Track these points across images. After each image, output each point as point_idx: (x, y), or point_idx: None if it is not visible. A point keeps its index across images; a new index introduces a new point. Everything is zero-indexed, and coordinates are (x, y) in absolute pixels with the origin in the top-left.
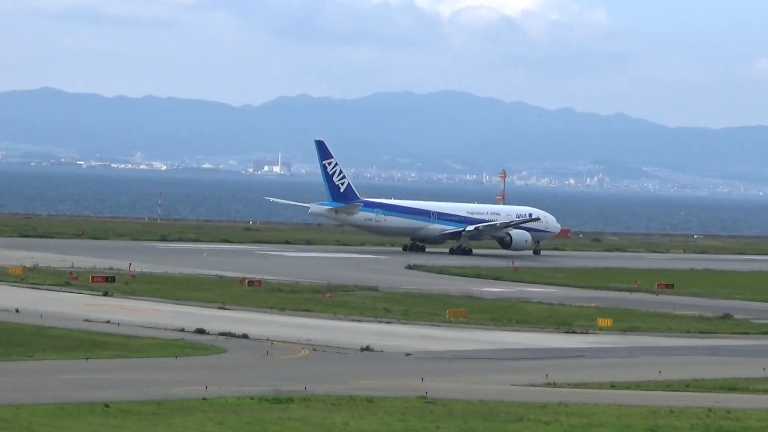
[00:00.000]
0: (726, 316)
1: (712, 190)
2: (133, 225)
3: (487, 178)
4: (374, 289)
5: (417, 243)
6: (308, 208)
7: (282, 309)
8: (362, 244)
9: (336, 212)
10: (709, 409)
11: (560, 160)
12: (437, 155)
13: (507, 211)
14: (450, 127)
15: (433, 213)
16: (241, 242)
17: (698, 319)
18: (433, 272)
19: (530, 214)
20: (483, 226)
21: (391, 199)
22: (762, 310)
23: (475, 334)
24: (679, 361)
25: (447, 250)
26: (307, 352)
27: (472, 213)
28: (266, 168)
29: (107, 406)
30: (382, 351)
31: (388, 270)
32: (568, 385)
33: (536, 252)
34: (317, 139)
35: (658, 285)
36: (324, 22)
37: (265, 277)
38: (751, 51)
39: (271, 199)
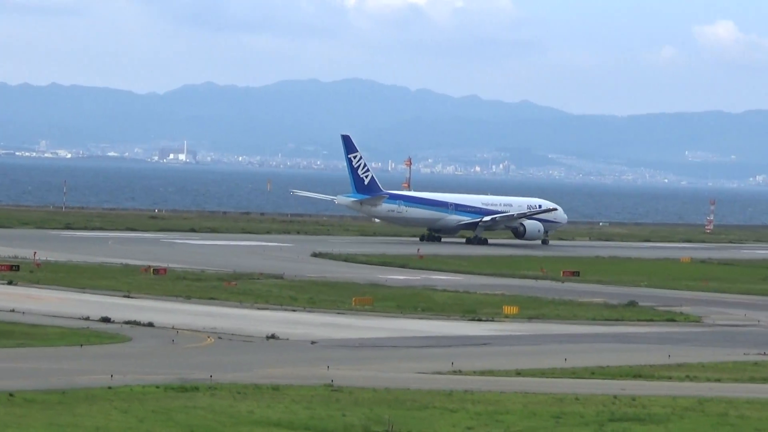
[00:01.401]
0: (631, 304)
1: (617, 177)
2: (38, 213)
3: (393, 165)
4: (280, 277)
5: (433, 233)
6: (334, 200)
7: (187, 297)
8: (268, 233)
9: (361, 204)
10: (615, 396)
11: (466, 148)
12: None
13: (518, 203)
14: (356, 115)
15: (451, 204)
16: (147, 230)
17: (604, 306)
18: (338, 260)
19: (539, 205)
20: (500, 216)
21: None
22: (667, 297)
23: (380, 321)
24: (584, 349)
25: (461, 240)
26: (213, 340)
27: (486, 204)
28: (171, 156)
29: (12, 395)
30: (287, 339)
31: (294, 258)
32: (474, 373)
33: (544, 242)
34: (343, 134)
35: (563, 272)
36: (229, 10)
37: (170, 266)
38: (656, 39)
39: (297, 192)
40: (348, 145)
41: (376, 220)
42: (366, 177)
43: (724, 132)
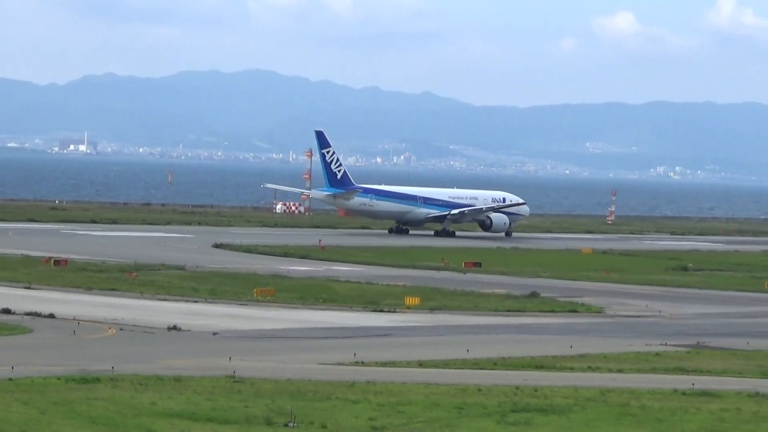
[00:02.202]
0: (533, 295)
1: (518, 168)
2: None
3: (294, 156)
4: (181, 268)
5: (401, 226)
6: (308, 193)
7: (89, 288)
8: (169, 224)
9: (334, 197)
10: (517, 387)
11: (367, 139)
12: (244, 134)
13: (483, 196)
14: (256, 106)
15: (420, 198)
16: (47, 221)
17: (505, 297)
18: (240, 251)
19: (503, 198)
20: (468, 210)
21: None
22: (568, 288)
23: (282, 313)
24: (486, 340)
25: (429, 232)
26: (114, 331)
27: (453, 198)
28: (72, 147)
29: None
30: (189, 330)
31: (195, 249)
32: (376, 364)
33: (508, 234)
34: (317, 129)
35: (465, 263)
36: (129, 1)
37: (71, 257)
38: (557, 30)
39: (269, 186)
40: (321, 140)
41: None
42: (339, 171)
43: (624, 123)
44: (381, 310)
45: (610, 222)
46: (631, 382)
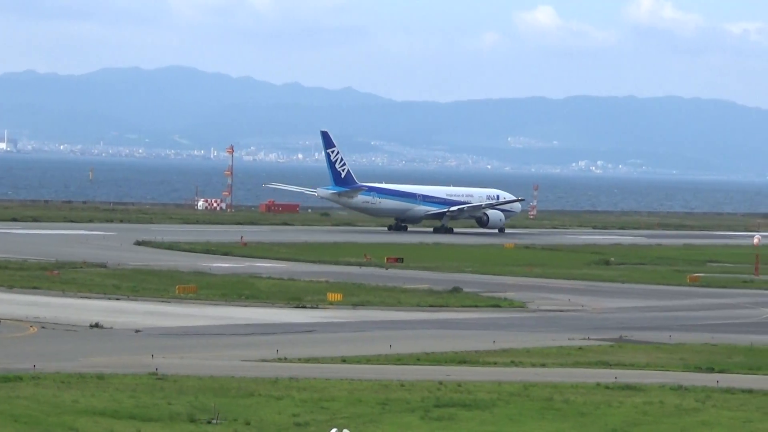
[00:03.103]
0: (456, 290)
1: (440, 164)
2: None
3: (215, 153)
4: (103, 265)
5: (400, 223)
6: (315, 193)
7: (10, 287)
8: (90, 221)
9: (339, 196)
10: (440, 382)
11: (288, 135)
12: (165, 131)
13: (478, 193)
14: (178, 103)
15: (419, 196)
16: None
17: (428, 292)
18: (162, 248)
19: (497, 196)
20: (467, 207)
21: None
22: (490, 282)
23: (205, 309)
24: (409, 335)
25: (428, 229)
26: (36, 329)
27: (450, 195)
28: None
29: None
30: (111, 328)
31: (117, 246)
32: (299, 360)
33: (501, 230)
34: (322, 130)
35: (387, 259)
36: None
37: None
38: (478, 25)
39: (273, 185)
40: (326, 140)
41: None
42: (343, 170)
43: (546, 118)
44: (303, 306)
45: (532, 217)
46: (554, 377)
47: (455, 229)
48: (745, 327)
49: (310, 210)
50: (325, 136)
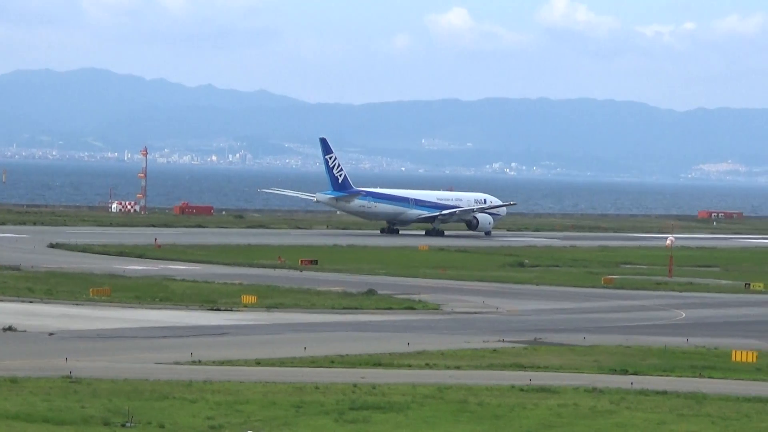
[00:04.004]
0: (370, 292)
1: (354, 166)
2: None
3: (129, 155)
4: (16, 268)
5: (392, 226)
6: (314, 198)
7: None
8: (3, 223)
9: (337, 200)
10: (355, 385)
11: (202, 138)
12: (79, 133)
13: (467, 198)
14: (91, 105)
15: (412, 200)
16: None
17: (342, 294)
18: (75, 251)
19: (485, 200)
20: (459, 210)
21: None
22: (405, 285)
23: (119, 312)
24: (323, 338)
25: (419, 232)
26: None
27: (440, 199)
28: None
29: None
30: (25, 331)
31: (30, 249)
32: (214, 363)
33: (488, 233)
34: (321, 137)
35: (301, 261)
36: None
37: None
38: (391, 27)
39: (269, 190)
40: (325, 146)
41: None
42: (340, 176)
43: (459, 120)
44: (218, 309)
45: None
46: (468, 379)
47: (446, 232)
48: (659, 329)
49: (224, 212)
50: (324, 143)
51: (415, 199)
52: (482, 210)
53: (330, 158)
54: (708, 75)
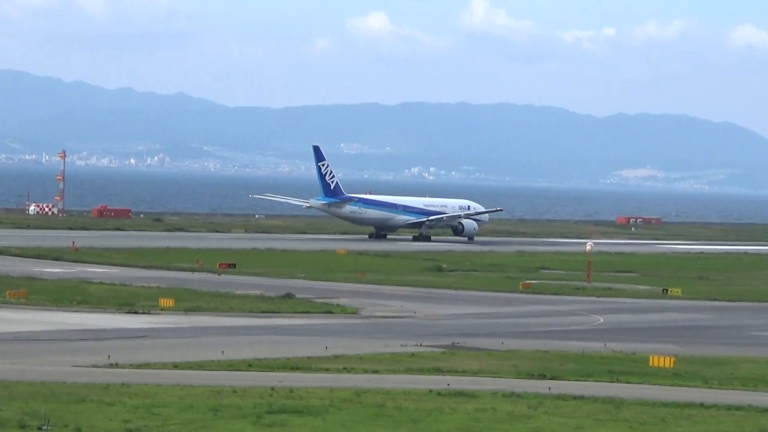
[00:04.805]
0: (288, 296)
1: (273, 170)
2: None
3: (47, 158)
4: None
5: (380, 231)
6: (307, 203)
7: None
8: None
9: (329, 206)
10: (272, 388)
11: (121, 140)
12: None
13: (451, 204)
14: (9, 107)
15: (400, 206)
16: None
17: (260, 298)
18: None
19: (468, 206)
20: (446, 216)
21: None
22: (324, 289)
23: (36, 315)
24: (241, 341)
25: (407, 237)
26: None
27: (427, 206)
28: None
29: None
30: None
31: None
32: (131, 366)
33: (471, 238)
34: (314, 144)
35: (220, 265)
36: None
37: None
38: (311, 31)
39: (260, 196)
40: (318, 154)
41: None
42: (332, 182)
43: (379, 124)
44: (136, 312)
45: None
46: (386, 383)
47: (432, 237)
48: (577, 334)
49: (142, 215)
50: (317, 151)
51: (403, 206)
52: (468, 216)
53: (322, 165)
54: (628, 81)
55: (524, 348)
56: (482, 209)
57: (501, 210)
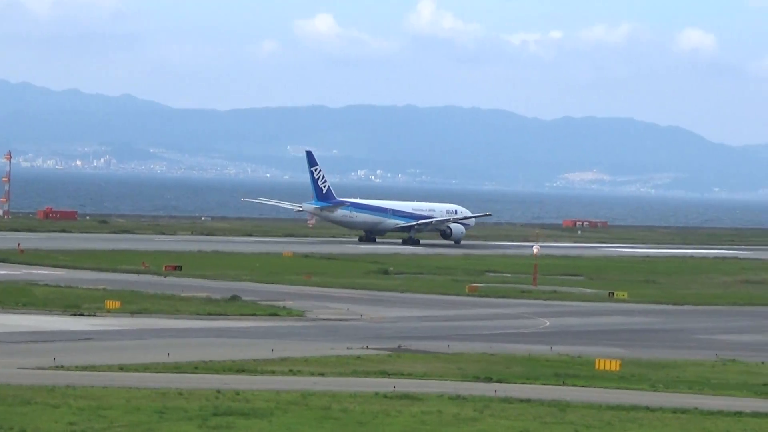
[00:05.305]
0: (234, 298)
1: (219, 172)
2: None
3: None
4: None
5: (369, 235)
6: (300, 207)
7: None
8: None
9: (321, 210)
10: (218, 391)
11: (67, 142)
12: None
13: (439, 208)
14: None
15: (390, 210)
16: None
17: (206, 300)
18: None
19: (455, 210)
20: (435, 221)
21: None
22: (270, 291)
23: None
24: (187, 343)
25: (396, 240)
26: None
27: (416, 210)
28: None
29: None
30: None
31: None
32: (77, 368)
33: (457, 242)
34: (307, 150)
35: (165, 267)
36: None
37: None
38: (257, 33)
39: (252, 200)
40: (310, 159)
41: None
42: (324, 187)
43: (325, 126)
44: (81, 314)
45: (311, 226)
46: (332, 386)
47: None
48: (524, 337)
49: (88, 217)
50: (309, 156)
51: (393, 210)
52: (457, 220)
53: (315, 170)
54: (574, 84)
55: (470, 351)
56: (469, 213)
57: (490, 215)
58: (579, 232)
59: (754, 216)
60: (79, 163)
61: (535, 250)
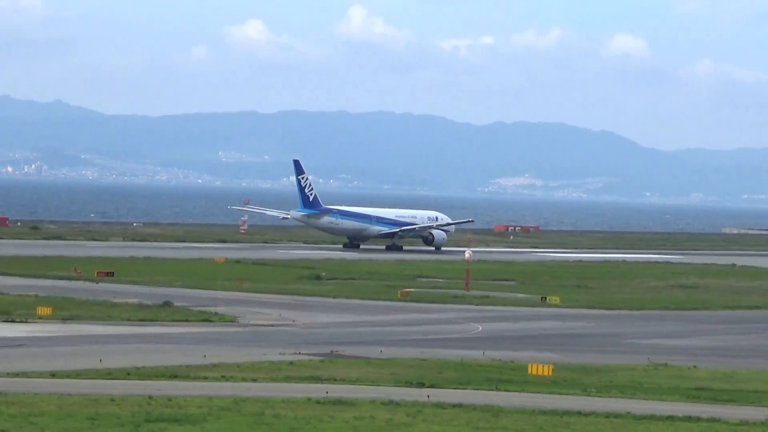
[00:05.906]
0: (166, 304)
1: (151, 178)
2: None
3: None
4: None
5: (353, 241)
6: (287, 215)
7: None
8: None
9: (308, 217)
10: (150, 397)
11: None
12: None
13: (421, 215)
14: None
15: (373, 217)
16: None
17: (138, 306)
18: None
19: (436, 217)
20: (418, 227)
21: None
22: (202, 297)
23: None
24: (119, 350)
25: (380, 246)
26: None
27: (399, 217)
28: None
29: None
30: None
31: None
32: (8, 375)
33: (438, 248)
34: (294, 159)
35: (97, 273)
36: None
37: None
38: (188, 38)
39: (239, 208)
40: (298, 168)
41: None
42: (311, 195)
43: (257, 132)
44: (12, 320)
45: (243, 231)
46: (265, 391)
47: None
48: (456, 342)
49: (19, 223)
50: (297, 164)
51: (377, 217)
52: (439, 227)
53: (302, 179)
54: (506, 89)
55: (403, 356)
56: (449, 220)
57: (472, 221)
58: (511, 237)
59: (685, 220)
60: (9, 169)
61: (467, 256)
